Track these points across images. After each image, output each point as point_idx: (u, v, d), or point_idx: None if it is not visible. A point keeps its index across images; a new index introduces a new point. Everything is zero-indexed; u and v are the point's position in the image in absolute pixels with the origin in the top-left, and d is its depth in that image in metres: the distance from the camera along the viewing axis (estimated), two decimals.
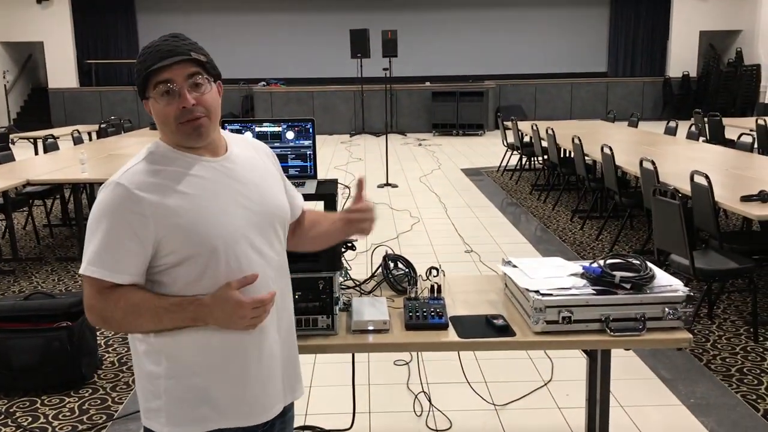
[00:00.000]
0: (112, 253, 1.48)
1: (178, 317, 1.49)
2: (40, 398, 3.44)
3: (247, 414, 1.58)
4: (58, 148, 8.14)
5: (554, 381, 3.51)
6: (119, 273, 1.48)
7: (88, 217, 1.54)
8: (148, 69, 1.48)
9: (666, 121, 9.68)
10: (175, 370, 1.53)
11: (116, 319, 1.50)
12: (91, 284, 1.49)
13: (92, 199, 6.27)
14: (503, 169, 10.33)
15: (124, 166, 1.55)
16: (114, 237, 1.47)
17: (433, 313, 2.18)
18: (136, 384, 1.62)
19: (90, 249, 1.49)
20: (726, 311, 4.43)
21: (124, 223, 1.47)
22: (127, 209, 1.47)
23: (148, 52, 1.51)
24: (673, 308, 2.08)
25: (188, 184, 1.51)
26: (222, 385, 1.55)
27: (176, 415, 1.54)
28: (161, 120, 1.52)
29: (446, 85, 16.70)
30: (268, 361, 1.61)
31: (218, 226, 1.50)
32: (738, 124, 9.47)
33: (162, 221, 1.47)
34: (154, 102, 1.51)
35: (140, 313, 1.49)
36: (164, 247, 1.48)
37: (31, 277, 5.49)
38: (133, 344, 1.60)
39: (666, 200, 4.05)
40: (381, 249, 2.79)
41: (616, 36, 19.09)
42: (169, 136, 1.55)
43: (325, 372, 3.64)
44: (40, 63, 19.00)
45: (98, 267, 1.48)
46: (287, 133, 2.61)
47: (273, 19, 19.04)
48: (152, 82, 1.50)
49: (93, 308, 1.51)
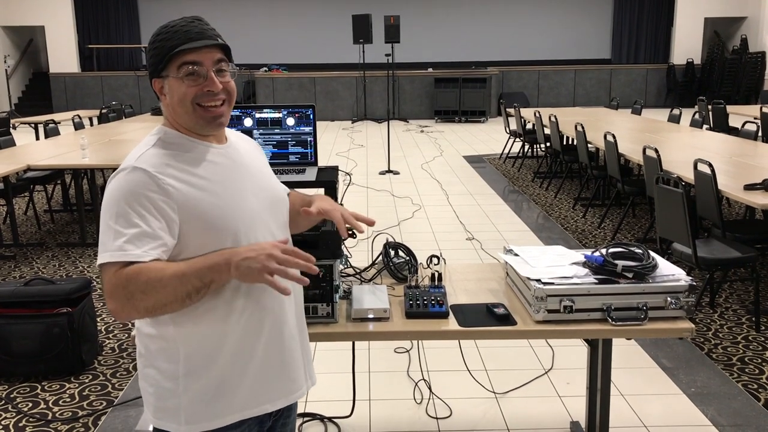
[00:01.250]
0: (140, 236, 1.39)
1: (203, 270, 1.38)
2: (41, 384, 3.44)
3: (268, 399, 1.56)
4: (59, 133, 8.12)
5: (555, 369, 3.50)
6: (149, 253, 1.39)
7: (89, 202, 1.50)
8: (175, 48, 1.46)
9: (669, 108, 9.63)
10: (195, 364, 1.48)
11: (138, 292, 1.37)
12: (114, 272, 1.39)
13: (93, 184, 6.26)
14: (505, 157, 10.30)
15: (135, 152, 1.49)
16: (137, 217, 1.39)
17: (434, 302, 2.17)
18: (143, 386, 1.55)
19: (110, 235, 1.40)
20: (728, 300, 4.42)
21: (147, 204, 1.40)
22: (150, 190, 1.41)
23: (172, 31, 1.48)
24: (675, 298, 2.07)
25: (205, 170, 1.49)
26: (243, 374, 1.52)
27: (197, 413, 1.50)
28: (179, 99, 1.48)
29: (449, 71, 16.62)
30: (289, 342, 1.59)
31: (238, 211, 1.49)
32: (742, 112, 9.42)
33: (185, 205, 1.43)
34: (175, 81, 1.48)
35: (162, 280, 1.37)
36: (186, 232, 1.44)
37: (32, 263, 5.49)
38: (142, 344, 1.54)
39: (669, 188, 4.03)
40: (382, 237, 2.77)
41: (620, 23, 18.97)
42: (182, 119, 1.51)
43: (325, 359, 3.64)
44: (41, 47, 18.95)
45: (130, 251, 1.38)
46: (288, 119, 2.59)
47: (275, 4, 18.94)
48: (177, 62, 1.47)
49: (115, 293, 1.38)
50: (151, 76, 1.52)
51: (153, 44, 1.50)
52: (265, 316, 1.53)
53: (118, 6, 18.87)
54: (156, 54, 1.49)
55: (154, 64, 1.50)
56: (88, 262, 5.47)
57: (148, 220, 1.40)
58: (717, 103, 9.46)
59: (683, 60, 18.06)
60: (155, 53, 1.49)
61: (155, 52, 1.49)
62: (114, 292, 1.38)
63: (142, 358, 1.55)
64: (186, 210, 1.44)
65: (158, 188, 1.41)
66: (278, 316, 1.56)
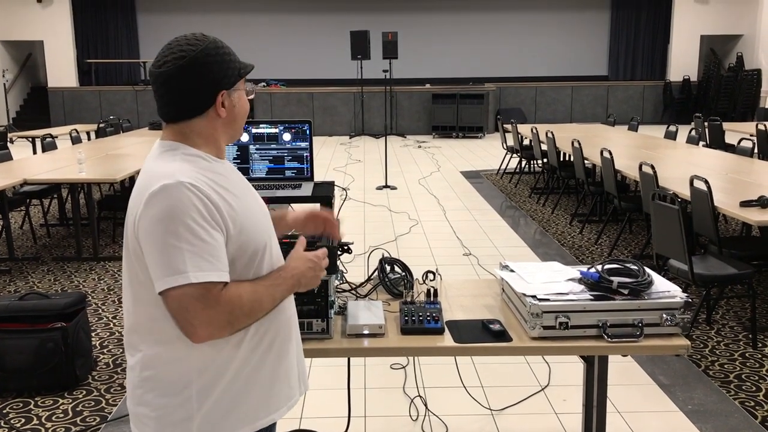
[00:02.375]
0: (211, 251, 1.36)
1: (285, 288, 1.51)
2: (34, 399, 3.42)
3: (273, 409, 1.57)
4: (56, 147, 8.12)
5: (551, 386, 3.49)
6: (225, 271, 1.38)
7: (85, 217, 1.50)
8: (247, 66, 1.54)
9: (666, 125, 9.67)
10: (208, 380, 1.46)
11: (243, 317, 1.40)
12: (204, 294, 1.34)
13: (90, 198, 6.24)
14: (503, 172, 10.32)
15: (167, 167, 1.42)
16: (204, 233, 1.36)
17: (429, 318, 2.16)
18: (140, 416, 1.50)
19: (182, 257, 1.34)
20: (725, 317, 4.41)
21: (207, 218, 1.37)
22: (205, 203, 1.38)
23: (230, 48, 1.53)
24: (671, 314, 2.06)
25: (231, 185, 1.49)
26: (251, 383, 1.52)
27: (211, 429, 1.48)
28: (242, 113, 1.56)
29: (446, 87, 16.69)
30: (287, 349, 1.61)
31: (263, 222, 1.55)
32: (738, 129, 9.46)
33: (232, 218, 1.44)
34: (243, 95, 1.55)
35: (261, 300, 1.44)
36: (233, 245, 1.43)
37: (27, 277, 5.47)
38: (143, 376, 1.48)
39: (665, 205, 4.03)
40: (378, 252, 2.77)
41: (617, 39, 19.09)
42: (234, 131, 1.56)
43: (320, 375, 3.62)
44: (39, 62, 18.99)
45: (207, 270, 1.34)
46: (284, 134, 2.60)
47: (273, 19, 19.04)
48: (244, 78, 1.54)
49: (213, 319, 1.35)
50: (219, 88, 1.47)
51: (220, 56, 1.47)
52: (277, 329, 1.56)
53: (117, 21, 18.95)
54: (229, 66, 1.49)
55: (226, 76, 1.48)
56: (83, 277, 5.45)
57: (212, 234, 1.38)
58: (713, 120, 9.50)
59: (680, 77, 18.16)
60: (227, 66, 1.48)
61: (222, 65, 1.47)
62: (214, 318, 1.35)
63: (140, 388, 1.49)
64: (231, 224, 1.43)
65: (210, 202, 1.40)
66: (287, 328, 1.60)
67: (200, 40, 1.47)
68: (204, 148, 1.50)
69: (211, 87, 1.46)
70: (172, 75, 1.44)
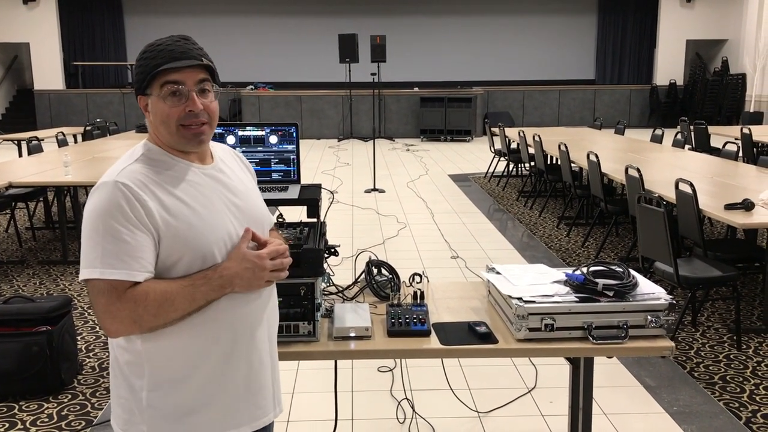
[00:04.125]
0: (128, 251, 1.39)
1: (209, 289, 1.45)
2: (18, 404, 3.39)
3: (235, 425, 1.55)
4: (42, 150, 8.07)
5: (538, 388, 3.50)
6: (140, 271, 1.40)
7: (72, 220, 1.49)
8: (158, 67, 1.47)
9: (652, 128, 9.73)
10: (160, 383, 1.48)
11: (148, 315, 1.40)
12: (109, 290, 1.39)
13: (76, 201, 6.21)
14: (490, 176, 10.35)
15: (118, 166, 1.50)
16: (126, 233, 1.39)
17: (416, 320, 2.16)
18: (113, 396, 1.56)
19: (98, 252, 1.39)
20: (710, 319, 4.44)
21: (132, 219, 1.40)
22: (133, 204, 1.41)
23: (157, 50, 1.49)
24: (655, 316, 2.08)
25: (184, 190, 1.50)
26: (210, 396, 1.51)
27: (159, 429, 1.50)
28: (161, 119, 1.49)
29: (434, 90, 16.73)
30: (258, 367, 1.59)
31: (213, 231, 1.49)
32: (723, 133, 9.54)
33: (161, 222, 1.44)
34: (157, 100, 1.49)
35: (173, 300, 1.41)
36: (163, 249, 1.45)
37: (12, 281, 5.42)
38: (113, 354, 1.54)
39: (651, 208, 4.06)
40: (365, 255, 2.77)
41: (604, 44, 19.22)
42: (165, 137, 1.52)
43: (307, 378, 3.61)
44: (25, 64, 18.87)
45: (118, 268, 1.38)
46: (271, 137, 2.59)
47: (261, 22, 19.02)
48: (159, 81, 1.48)
49: (116, 315, 1.39)
50: (137, 93, 1.53)
51: (139, 61, 1.52)
52: (235, 341, 1.53)
53: (103, 23, 18.86)
54: (141, 71, 1.50)
55: (139, 81, 1.51)
56: (69, 280, 5.42)
57: (135, 235, 1.40)
58: (699, 123, 9.58)
59: (666, 81, 18.30)
60: (140, 70, 1.51)
61: (140, 70, 1.51)
62: (116, 314, 1.39)
63: (113, 368, 1.56)
64: (163, 227, 1.44)
65: (140, 204, 1.42)
66: (249, 341, 1.56)
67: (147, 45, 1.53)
68: (164, 147, 1.54)
69: (136, 92, 1.53)
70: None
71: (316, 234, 2.21)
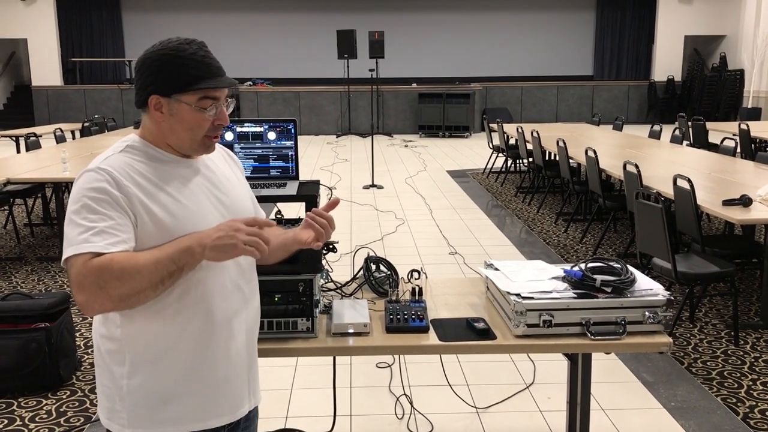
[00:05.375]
0: (105, 228, 1.42)
1: (176, 250, 1.42)
2: (17, 400, 3.39)
3: (213, 415, 1.58)
4: (40, 146, 8.06)
5: (536, 384, 3.51)
6: (118, 244, 1.41)
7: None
8: (202, 80, 1.50)
9: (650, 124, 9.74)
10: (139, 370, 1.52)
11: (113, 279, 1.38)
12: (77, 263, 1.40)
13: None
14: (489, 172, 10.35)
15: (102, 156, 1.53)
16: (104, 212, 1.43)
17: (414, 316, 2.17)
18: (98, 385, 1.59)
19: (77, 230, 1.41)
20: (707, 315, 4.45)
21: (111, 201, 1.44)
22: (113, 188, 1.45)
23: (191, 59, 1.50)
24: (653, 312, 2.08)
25: (168, 182, 1.53)
26: (187, 385, 1.54)
27: (138, 418, 1.53)
28: (190, 126, 1.52)
29: (433, 86, 16.71)
30: (235, 359, 1.61)
31: (195, 224, 1.51)
32: (721, 129, 9.55)
33: (141, 210, 1.47)
34: (191, 110, 1.51)
35: (136, 261, 1.40)
36: (141, 237, 1.47)
37: (10, 277, 5.42)
38: (96, 344, 1.58)
39: (649, 204, 4.07)
40: (363, 251, 2.77)
41: (602, 40, 19.20)
42: (180, 141, 1.54)
43: (306, 374, 3.62)
44: (23, 60, 18.82)
45: (93, 242, 1.40)
46: (269, 133, 2.60)
47: (260, 18, 18.98)
48: (199, 94, 1.51)
49: (83, 284, 1.39)
50: (154, 91, 1.51)
51: (165, 63, 1.50)
52: (212, 331, 1.56)
53: (101, 19, 18.81)
54: (170, 75, 1.49)
55: (166, 83, 1.49)
56: (67, 277, 5.41)
57: (112, 216, 1.44)
58: (697, 119, 9.58)
59: (664, 77, 18.29)
60: (169, 74, 1.49)
61: (169, 74, 1.49)
62: (83, 283, 1.39)
63: (96, 358, 1.59)
64: (141, 216, 1.47)
65: (119, 189, 1.46)
66: (226, 331, 1.58)
67: (166, 43, 1.52)
68: (156, 143, 1.56)
69: (146, 88, 1.52)
70: (135, 67, 1.57)
71: None
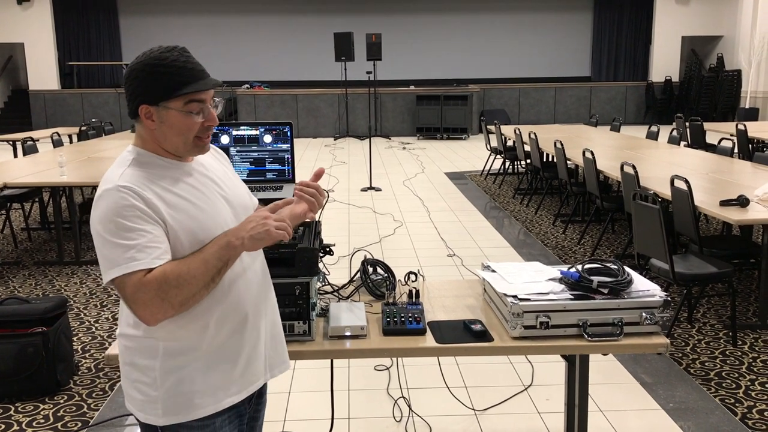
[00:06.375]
0: (145, 243, 1.46)
1: (217, 248, 1.50)
2: (14, 405, 3.38)
3: (235, 392, 1.65)
4: (38, 150, 8.05)
5: (534, 385, 3.50)
6: (161, 257, 1.47)
7: (67, 220, 1.52)
8: (186, 85, 1.53)
9: (648, 125, 9.75)
10: (171, 359, 1.57)
11: (172, 288, 1.45)
12: (131, 282, 1.45)
13: (71, 202, 6.19)
14: (486, 173, 10.35)
15: (113, 173, 1.54)
16: (140, 228, 1.46)
17: (411, 319, 2.16)
18: (124, 381, 1.63)
19: (117, 251, 1.45)
20: (705, 315, 4.45)
21: (143, 215, 1.48)
22: (140, 203, 1.48)
23: (174, 65, 1.53)
24: (650, 313, 2.08)
25: (181, 188, 1.58)
26: (218, 367, 1.60)
27: (173, 405, 1.58)
28: (178, 131, 1.55)
29: (430, 88, 16.72)
30: (260, 339, 1.70)
31: (214, 222, 1.58)
32: (719, 129, 9.56)
33: (170, 216, 1.52)
34: (179, 114, 1.54)
35: (188, 266, 1.48)
36: (173, 242, 1.52)
37: (7, 282, 5.41)
38: (122, 343, 1.62)
39: (646, 205, 4.07)
40: (361, 254, 2.77)
41: (600, 41, 19.23)
42: (173, 145, 1.58)
43: (303, 378, 3.61)
44: (20, 64, 18.81)
45: (139, 260, 1.45)
46: (265, 136, 2.59)
47: (257, 21, 18.99)
48: (184, 99, 1.54)
49: (145, 301, 1.45)
50: (142, 102, 1.54)
51: (150, 74, 1.53)
52: (237, 315, 1.63)
53: (99, 23, 18.81)
54: (155, 84, 1.52)
55: (151, 92, 1.53)
56: (65, 281, 5.41)
57: (147, 230, 1.48)
58: (694, 120, 9.59)
59: (661, 78, 18.31)
60: (153, 83, 1.52)
61: (153, 83, 1.53)
62: (143, 299, 1.45)
63: (122, 355, 1.63)
64: (170, 221, 1.52)
65: (145, 203, 1.49)
66: (251, 314, 1.66)
67: (148, 53, 1.56)
68: (155, 150, 1.60)
69: (135, 99, 1.56)
70: (123, 79, 1.61)
71: (311, 233, 2.21)
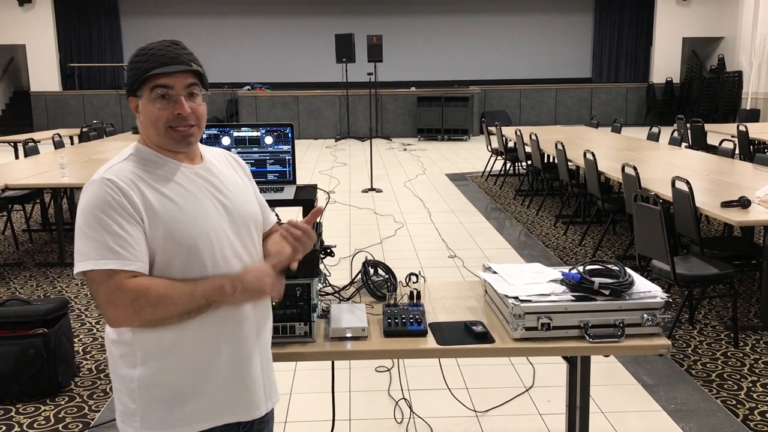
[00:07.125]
0: (119, 242, 1.45)
1: (209, 287, 1.50)
2: (15, 406, 3.38)
3: (226, 412, 1.61)
4: (39, 152, 8.05)
5: (536, 387, 3.50)
6: (132, 260, 1.46)
7: (68, 222, 1.52)
8: (149, 71, 1.52)
9: (649, 126, 9.74)
10: (149, 371, 1.54)
11: (149, 307, 1.45)
12: (107, 280, 1.45)
13: (73, 203, 6.20)
14: (487, 175, 10.35)
15: (107, 165, 1.56)
16: (118, 225, 1.46)
17: (412, 320, 2.16)
18: (113, 388, 1.62)
19: (91, 244, 1.45)
20: (707, 316, 4.45)
21: (123, 213, 1.47)
22: (122, 199, 1.48)
23: (148, 54, 1.55)
24: (651, 314, 2.08)
25: (170, 188, 1.56)
26: (197, 385, 1.57)
27: (152, 419, 1.55)
28: (150, 121, 1.56)
29: (431, 90, 16.73)
30: (246, 361, 1.63)
31: (197, 226, 1.55)
32: (720, 130, 9.55)
33: (148, 215, 1.50)
34: (147, 103, 1.55)
35: (173, 294, 1.47)
36: (150, 242, 1.51)
37: (9, 283, 5.41)
38: (109, 350, 1.60)
39: (647, 206, 4.06)
40: (362, 255, 2.76)
41: (601, 42, 19.23)
42: (154, 138, 1.58)
43: (304, 379, 3.61)
44: (22, 66, 18.83)
45: (110, 258, 1.44)
46: (266, 137, 2.59)
47: (258, 23, 19.00)
48: (150, 85, 1.54)
49: (117, 303, 1.45)
50: (128, 95, 1.59)
51: (131, 64, 1.58)
52: (221, 331, 1.59)
53: (100, 25, 18.83)
54: (133, 74, 1.56)
55: (130, 83, 1.57)
56: (66, 282, 5.41)
57: (124, 227, 1.47)
58: (695, 121, 9.59)
59: (662, 79, 18.31)
60: (132, 73, 1.57)
61: (132, 73, 1.57)
62: (116, 302, 1.45)
63: (110, 363, 1.62)
64: (148, 220, 1.50)
65: (126, 198, 1.48)
66: (236, 332, 1.61)
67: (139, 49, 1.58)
68: (151, 146, 1.60)
69: (127, 94, 1.59)
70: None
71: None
